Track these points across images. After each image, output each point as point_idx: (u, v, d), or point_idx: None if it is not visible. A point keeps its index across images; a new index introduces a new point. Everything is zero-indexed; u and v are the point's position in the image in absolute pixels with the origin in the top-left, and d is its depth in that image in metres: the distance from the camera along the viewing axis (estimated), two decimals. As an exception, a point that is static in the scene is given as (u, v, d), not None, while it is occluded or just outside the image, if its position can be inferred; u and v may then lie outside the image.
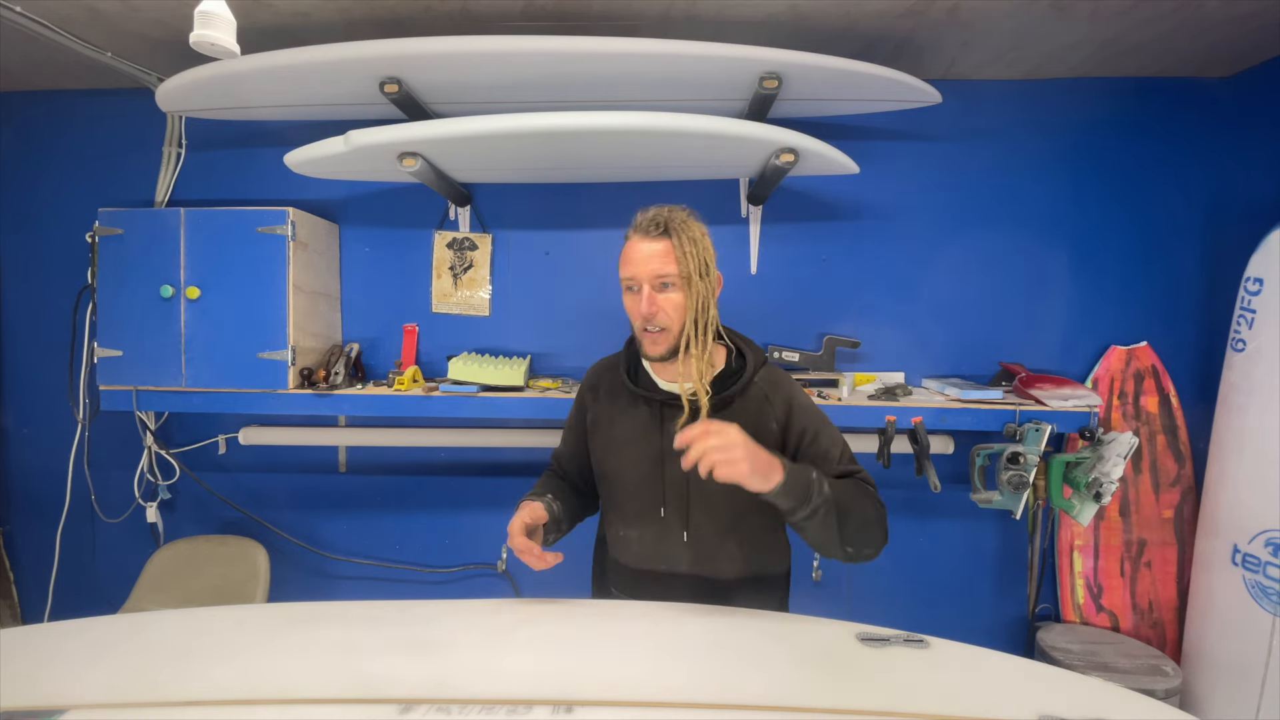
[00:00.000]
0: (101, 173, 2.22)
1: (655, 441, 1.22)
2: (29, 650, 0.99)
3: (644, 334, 1.17)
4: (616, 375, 1.30)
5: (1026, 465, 1.84)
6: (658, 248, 1.14)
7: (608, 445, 1.28)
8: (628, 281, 1.17)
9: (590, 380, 1.36)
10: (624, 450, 1.26)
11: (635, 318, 1.18)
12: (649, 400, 1.23)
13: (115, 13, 1.69)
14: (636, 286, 1.15)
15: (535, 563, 1.10)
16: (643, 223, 1.17)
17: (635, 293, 1.16)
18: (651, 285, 1.14)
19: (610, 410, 1.29)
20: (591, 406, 1.33)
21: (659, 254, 1.14)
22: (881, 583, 2.22)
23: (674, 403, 1.21)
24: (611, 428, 1.28)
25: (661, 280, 1.14)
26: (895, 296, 2.17)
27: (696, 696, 0.86)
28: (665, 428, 1.21)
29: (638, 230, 1.17)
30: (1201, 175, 2.10)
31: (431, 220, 2.21)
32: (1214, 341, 2.04)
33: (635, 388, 1.25)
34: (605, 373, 1.34)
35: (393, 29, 1.79)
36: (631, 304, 1.18)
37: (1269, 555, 1.74)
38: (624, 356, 1.31)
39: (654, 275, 1.13)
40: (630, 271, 1.16)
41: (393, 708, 0.82)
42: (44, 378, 2.25)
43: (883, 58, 1.88)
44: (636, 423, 1.24)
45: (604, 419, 1.30)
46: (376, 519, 2.30)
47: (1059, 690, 0.92)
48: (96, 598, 2.25)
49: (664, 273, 1.13)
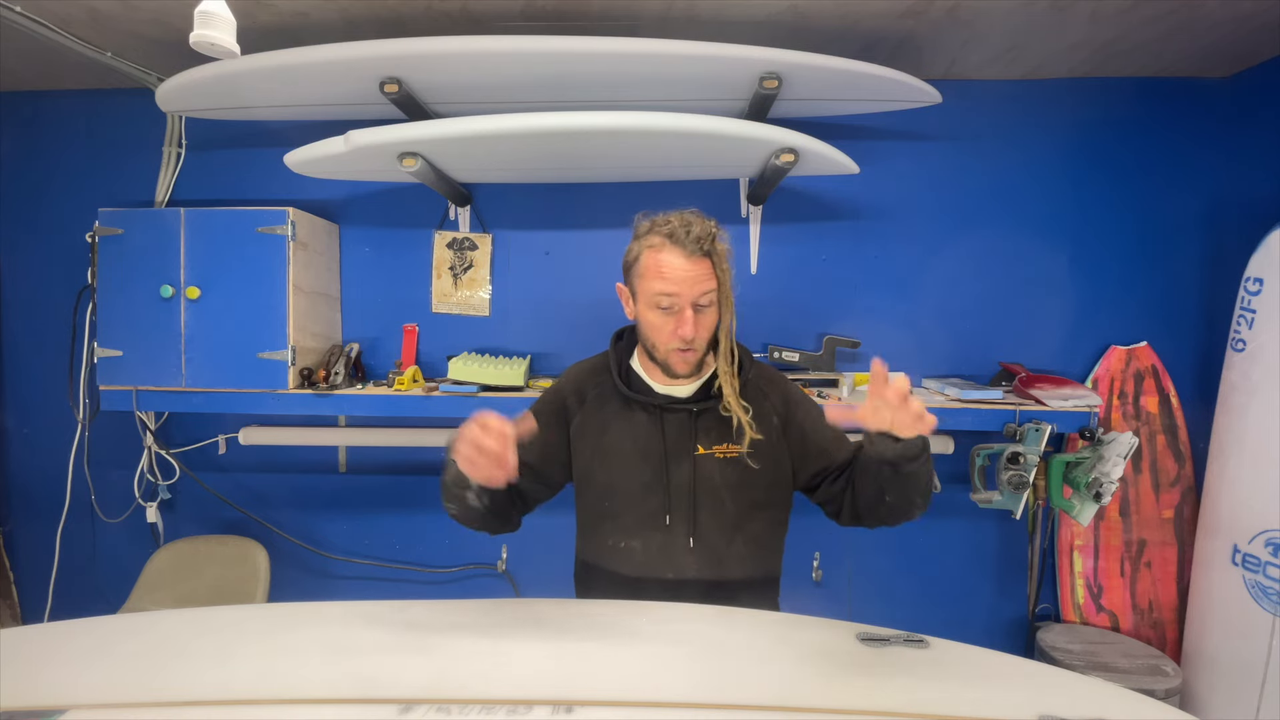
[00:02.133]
0: (101, 173, 2.22)
1: (657, 447, 1.19)
2: (29, 650, 0.99)
3: (674, 354, 1.13)
4: (605, 380, 1.24)
5: (1026, 465, 1.84)
6: (701, 269, 1.09)
7: (598, 454, 1.22)
8: (664, 299, 1.10)
9: (572, 385, 1.27)
10: (621, 458, 1.20)
11: (668, 338, 1.12)
12: (645, 405, 1.20)
13: (115, 13, 1.69)
14: (676, 306, 1.11)
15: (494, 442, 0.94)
16: (680, 235, 1.09)
17: (671, 312, 1.11)
18: (692, 306, 1.10)
19: (600, 417, 1.22)
20: (576, 413, 1.24)
21: (703, 274, 1.10)
22: (881, 583, 2.22)
23: (673, 407, 1.19)
24: (603, 436, 1.22)
25: (701, 300, 1.11)
26: (895, 296, 2.17)
27: (696, 696, 0.86)
28: (666, 432, 1.19)
29: (675, 241, 1.09)
30: (1201, 175, 2.10)
31: (431, 220, 2.21)
32: (1214, 341, 2.04)
33: (630, 392, 1.21)
34: (590, 377, 1.27)
35: (393, 29, 1.79)
36: (663, 322, 1.12)
37: (1269, 555, 1.74)
38: (613, 360, 1.25)
39: (697, 296, 1.10)
40: (671, 289, 1.09)
41: (393, 708, 0.82)
42: (44, 378, 2.25)
43: (883, 58, 1.88)
44: (634, 429, 1.20)
45: (593, 427, 1.23)
46: (376, 519, 2.30)
47: (1059, 690, 0.92)
48: (96, 598, 2.25)
49: (707, 292, 1.11)
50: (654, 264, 1.11)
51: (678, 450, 1.19)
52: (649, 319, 1.15)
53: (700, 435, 1.19)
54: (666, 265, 1.10)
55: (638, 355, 1.25)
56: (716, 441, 1.19)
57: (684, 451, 1.19)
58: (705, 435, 1.19)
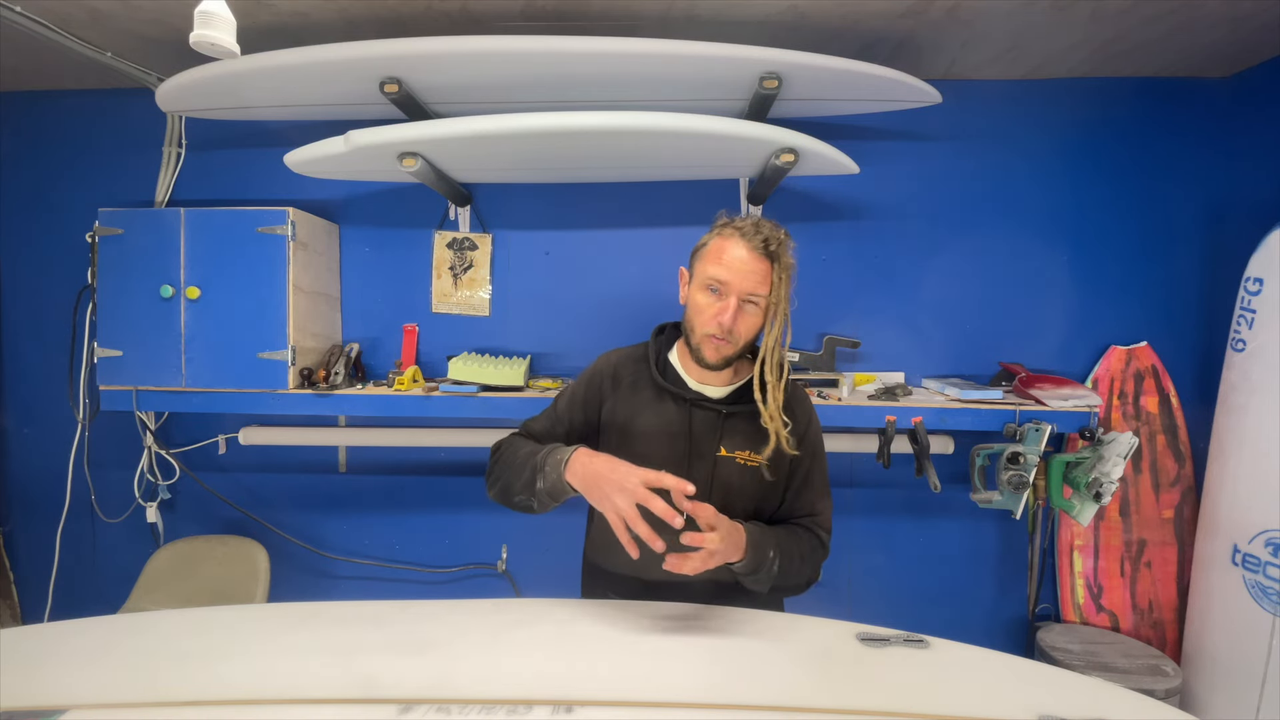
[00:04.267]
0: (101, 173, 2.22)
1: (681, 442, 1.20)
2: (29, 650, 0.99)
3: (709, 339, 1.14)
4: (642, 368, 1.26)
5: (1026, 465, 1.84)
6: (760, 266, 1.12)
7: (625, 441, 1.22)
8: (714, 283, 1.13)
9: (610, 369, 1.28)
10: (645, 447, 1.20)
11: (707, 321, 1.14)
12: (677, 398, 1.21)
13: (115, 13, 1.69)
14: (724, 292, 1.13)
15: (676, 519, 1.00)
16: (749, 231, 1.13)
17: (719, 297, 1.13)
18: (740, 298, 1.12)
19: (632, 403, 1.24)
20: (610, 396, 1.25)
21: (760, 273, 1.12)
22: (881, 583, 2.22)
23: (703, 403, 1.20)
24: (632, 422, 1.22)
25: (751, 297, 1.13)
26: (895, 296, 2.17)
27: (696, 696, 0.86)
28: (693, 428, 1.20)
29: (743, 236, 1.13)
30: (1201, 175, 2.10)
31: (431, 220, 2.21)
32: (1214, 341, 2.04)
33: (665, 383, 1.22)
34: (628, 364, 1.28)
35: (393, 29, 1.79)
36: (707, 304, 1.14)
37: (1269, 555, 1.74)
38: (652, 349, 1.27)
39: (748, 291, 1.12)
40: (724, 276, 1.12)
41: (393, 708, 0.82)
42: (44, 378, 2.25)
43: (883, 58, 1.88)
44: (662, 420, 1.21)
45: (623, 412, 1.24)
46: (376, 519, 2.30)
47: (1059, 690, 0.92)
48: (96, 598, 2.25)
49: (757, 293, 1.12)
50: (717, 249, 1.15)
51: (701, 448, 1.20)
52: (696, 300, 1.17)
53: (725, 437, 1.20)
54: (728, 252, 1.13)
55: (677, 348, 1.27)
56: (740, 447, 1.20)
57: (707, 450, 1.20)
58: (730, 438, 1.20)
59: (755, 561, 1.09)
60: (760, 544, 1.11)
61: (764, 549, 1.11)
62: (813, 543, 1.21)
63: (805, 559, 1.18)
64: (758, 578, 1.12)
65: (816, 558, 1.21)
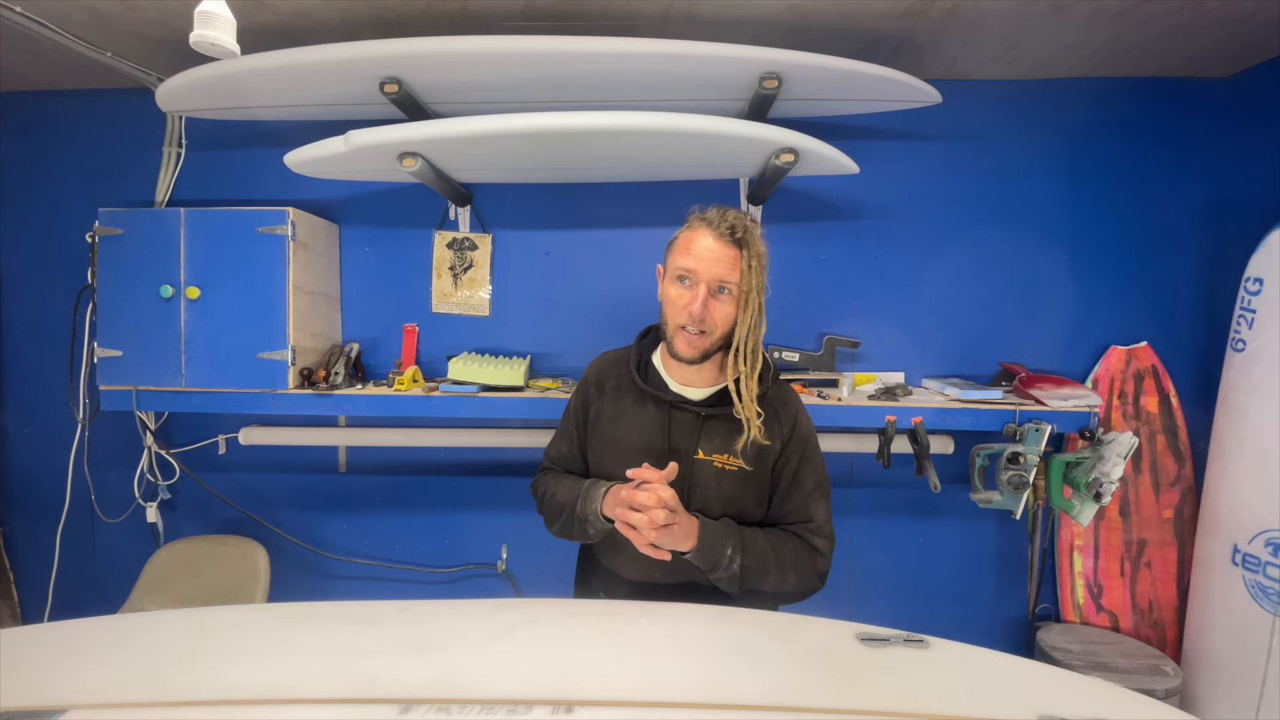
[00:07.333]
0: (101, 173, 2.22)
1: (660, 444, 1.20)
2: (29, 650, 0.98)
3: (681, 332, 1.14)
4: (624, 371, 1.26)
5: (1026, 465, 1.84)
6: (728, 253, 1.11)
7: (607, 444, 1.24)
8: (683, 272, 1.13)
9: (595, 374, 1.30)
10: (625, 450, 1.21)
11: (678, 313, 1.13)
12: (657, 400, 1.21)
13: (115, 13, 1.69)
14: (692, 281, 1.12)
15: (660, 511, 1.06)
16: (715, 220, 1.13)
17: (688, 287, 1.13)
18: (709, 287, 1.12)
19: (614, 407, 1.25)
20: (595, 401, 1.27)
21: (727, 260, 1.11)
22: (881, 583, 2.22)
23: (683, 405, 1.20)
24: (613, 426, 1.24)
25: (720, 285, 1.12)
26: (895, 296, 2.17)
27: (696, 696, 0.86)
28: (672, 430, 1.19)
29: (709, 225, 1.13)
30: (1201, 175, 2.10)
31: (431, 220, 2.21)
32: (1214, 341, 2.04)
33: (645, 385, 1.22)
34: (612, 367, 1.29)
35: (393, 29, 1.79)
36: (678, 296, 1.14)
37: (1269, 555, 1.74)
38: (635, 352, 1.27)
39: (716, 279, 1.11)
40: (691, 265, 1.12)
41: (393, 708, 0.82)
42: (44, 378, 2.25)
43: (883, 58, 1.88)
44: (642, 422, 1.21)
45: (606, 416, 1.25)
46: (376, 519, 2.30)
47: (1059, 690, 0.92)
48: (96, 598, 2.25)
49: (727, 280, 1.12)
50: (685, 240, 1.15)
51: (679, 450, 1.19)
52: (668, 294, 1.17)
53: (704, 440, 1.19)
54: (695, 242, 1.13)
55: (660, 351, 1.27)
56: (718, 450, 1.19)
57: (684, 453, 1.19)
58: (708, 441, 1.19)
59: (708, 555, 1.10)
60: (716, 538, 1.11)
61: (720, 544, 1.11)
62: (802, 549, 1.18)
63: (789, 566, 1.15)
64: (720, 576, 1.12)
65: (806, 567, 1.17)
